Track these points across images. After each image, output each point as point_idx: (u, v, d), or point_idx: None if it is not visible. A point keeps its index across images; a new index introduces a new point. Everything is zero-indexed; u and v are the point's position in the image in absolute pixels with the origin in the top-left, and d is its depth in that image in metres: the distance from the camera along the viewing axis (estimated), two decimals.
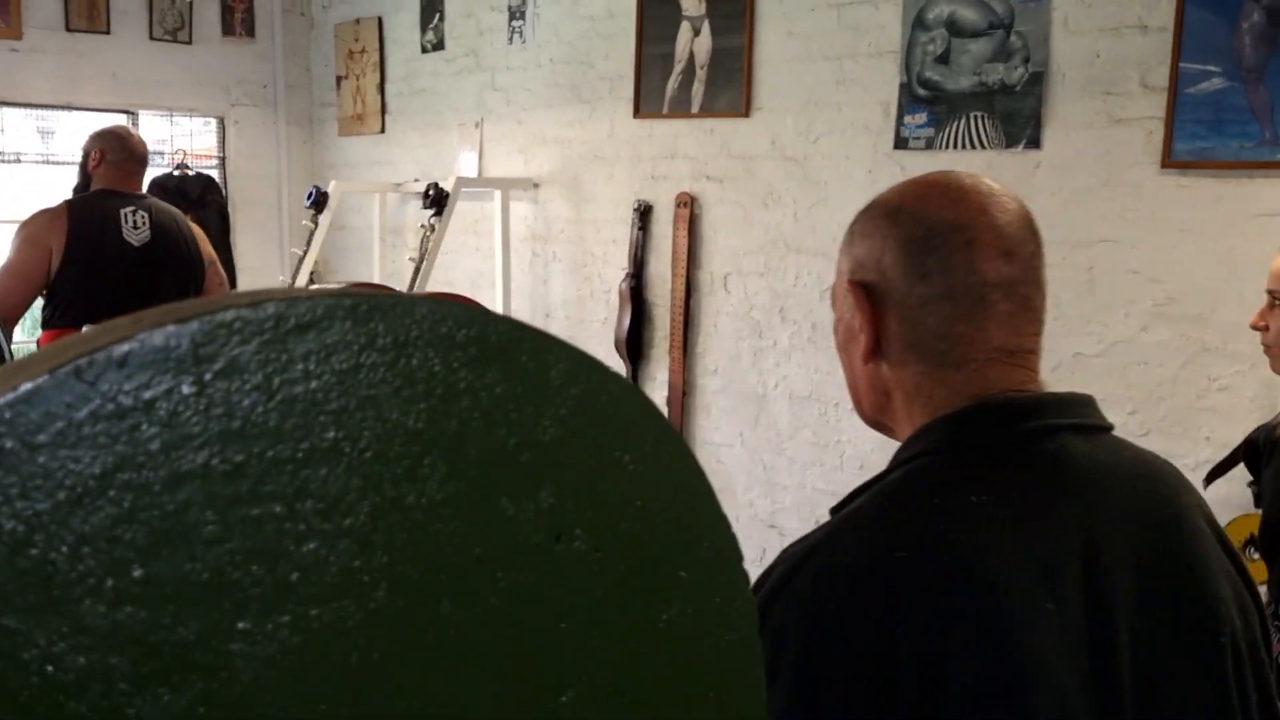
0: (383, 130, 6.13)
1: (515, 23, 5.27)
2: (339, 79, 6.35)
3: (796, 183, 4.21)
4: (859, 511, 0.96)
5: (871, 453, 4.05)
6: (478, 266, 5.60)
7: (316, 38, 6.54)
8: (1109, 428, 1.01)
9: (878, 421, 1.08)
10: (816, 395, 4.22)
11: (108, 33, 5.79)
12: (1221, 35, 3.18)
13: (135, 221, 3.68)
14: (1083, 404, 1.01)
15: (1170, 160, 3.31)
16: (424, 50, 5.80)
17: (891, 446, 1.04)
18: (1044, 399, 0.98)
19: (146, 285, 3.57)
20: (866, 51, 3.95)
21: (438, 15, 5.69)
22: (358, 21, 6.17)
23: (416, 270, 4.88)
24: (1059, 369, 3.59)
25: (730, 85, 4.38)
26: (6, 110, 5.66)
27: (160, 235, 3.72)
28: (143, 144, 3.91)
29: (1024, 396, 0.97)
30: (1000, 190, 1.01)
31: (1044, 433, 0.95)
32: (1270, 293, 2.00)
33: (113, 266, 3.60)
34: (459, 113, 5.65)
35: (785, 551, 0.96)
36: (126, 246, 3.64)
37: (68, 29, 5.67)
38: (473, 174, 5.53)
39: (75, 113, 5.83)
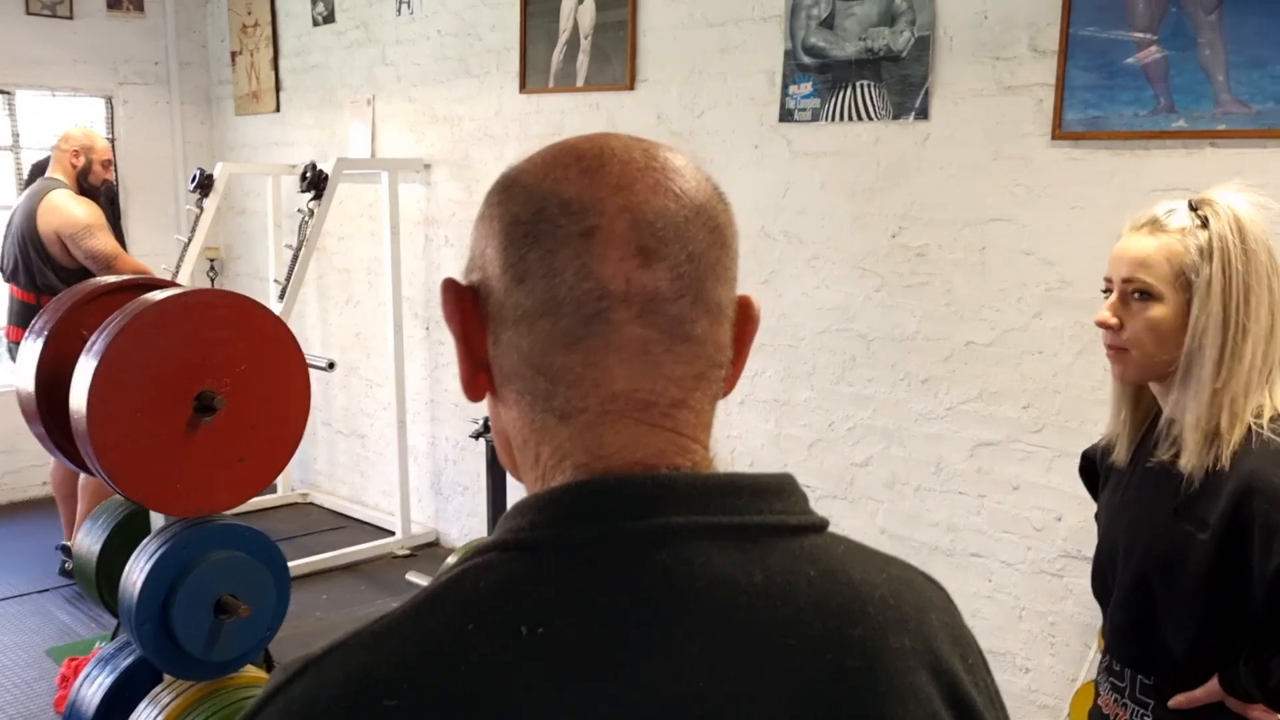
0: (277, 109, 5.81)
1: None
2: (234, 55, 6.02)
3: None
4: (384, 620, 0.65)
5: (762, 448, 3.79)
6: (373, 251, 5.30)
7: (212, 11, 6.20)
8: (800, 528, 0.69)
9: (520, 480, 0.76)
10: None
11: None
12: None
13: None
14: (755, 493, 0.68)
15: (1061, 131, 3.03)
16: (315, 23, 5.48)
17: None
18: (670, 485, 0.66)
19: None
20: (751, 16, 3.66)
21: None
22: None
23: (294, 257, 4.58)
24: (951, 359, 3.32)
25: (615, 56, 4.08)
26: None
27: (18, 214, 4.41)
28: None
29: (637, 481, 0.66)
30: (670, 161, 0.70)
31: (658, 538, 0.64)
32: (1126, 283, 1.56)
33: None
34: (351, 89, 5.34)
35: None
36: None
37: None
38: (365, 154, 5.22)
39: None
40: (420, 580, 4.38)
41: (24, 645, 4.11)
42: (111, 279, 2.50)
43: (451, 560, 3.36)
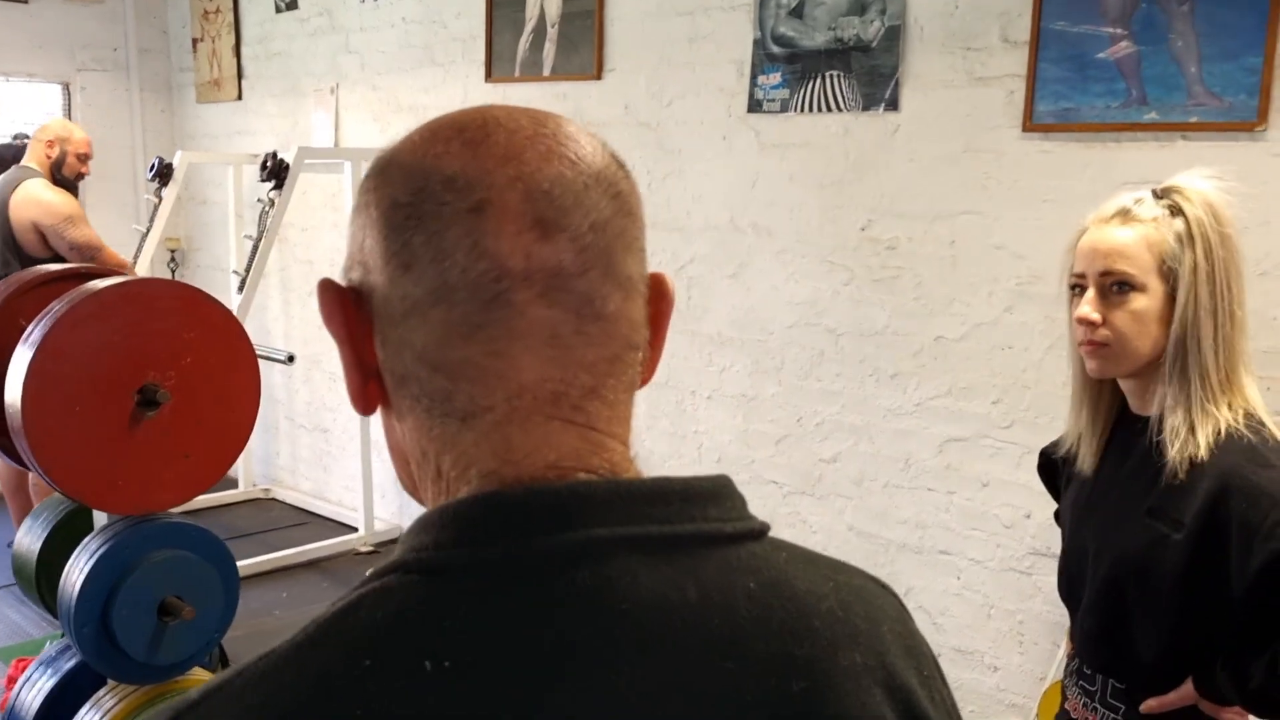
0: (239, 97, 5.70)
1: None
2: (195, 41, 5.90)
3: (650, 151, 3.85)
4: (268, 658, 0.57)
5: (730, 443, 3.73)
6: (336, 243, 5.20)
7: None
8: (738, 535, 0.62)
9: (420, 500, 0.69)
10: (673, 382, 3.88)
11: None
12: None
13: None
14: (686, 498, 0.61)
15: (1032, 123, 2.98)
16: (278, 9, 5.37)
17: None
18: (588, 493, 0.59)
19: None
20: (720, 5, 3.60)
21: None
22: None
23: (254, 249, 4.48)
24: (920, 354, 3.28)
25: (582, 45, 4.01)
26: None
27: None
28: None
29: (551, 490, 0.59)
30: (562, 127, 0.63)
31: (576, 555, 0.57)
32: (1104, 275, 1.47)
33: None
34: (314, 77, 5.24)
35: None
36: None
37: None
38: (329, 143, 5.13)
39: None
40: None
41: None
42: (54, 267, 2.41)
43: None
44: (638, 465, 0.65)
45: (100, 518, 2.29)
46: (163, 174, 5.06)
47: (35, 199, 4.24)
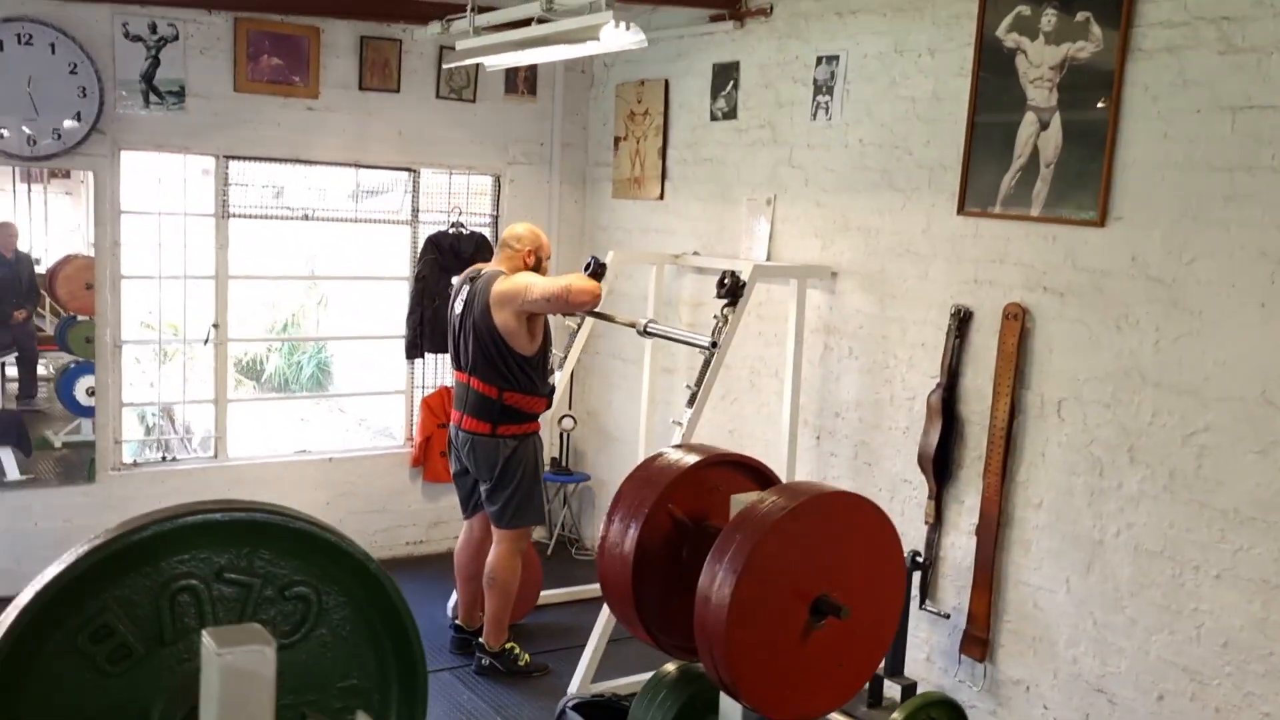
0: (661, 196, 5.86)
1: (821, 98, 4.89)
2: (617, 140, 6.13)
3: (1161, 307, 3.65)
4: None
5: (1240, 630, 3.46)
6: (759, 352, 5.24)
7: (596, 96, 6.35)
8: None
9: None
10: (1170, 553, 3.65)
11: (397, 91, 5.74)
12: None
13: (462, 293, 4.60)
14: None
15: None
16: (713, 118, 5.50)
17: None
18: None
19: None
20: (1270, 165, 3.37)
21: (731, 83, 5.38)
22: (642, 83, 5.93)
23: (706, 363, 4.56)
24: None
25: (1082, 188, 3.86)
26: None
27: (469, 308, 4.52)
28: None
29: None
30: None
31: None
32: None
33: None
34: (749, 187, 5.31)
35: None
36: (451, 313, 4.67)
37: (360, 88, 5.64)
38: (762, 254, 5.18)
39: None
40: None
41: None
42: (689, 458, 2.47)
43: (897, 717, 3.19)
44: None
45: (733, 713, 2.31)
46: (596, 273, 4.91)
47: (501, 296, 4.41)
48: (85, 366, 5.29)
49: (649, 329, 4.50)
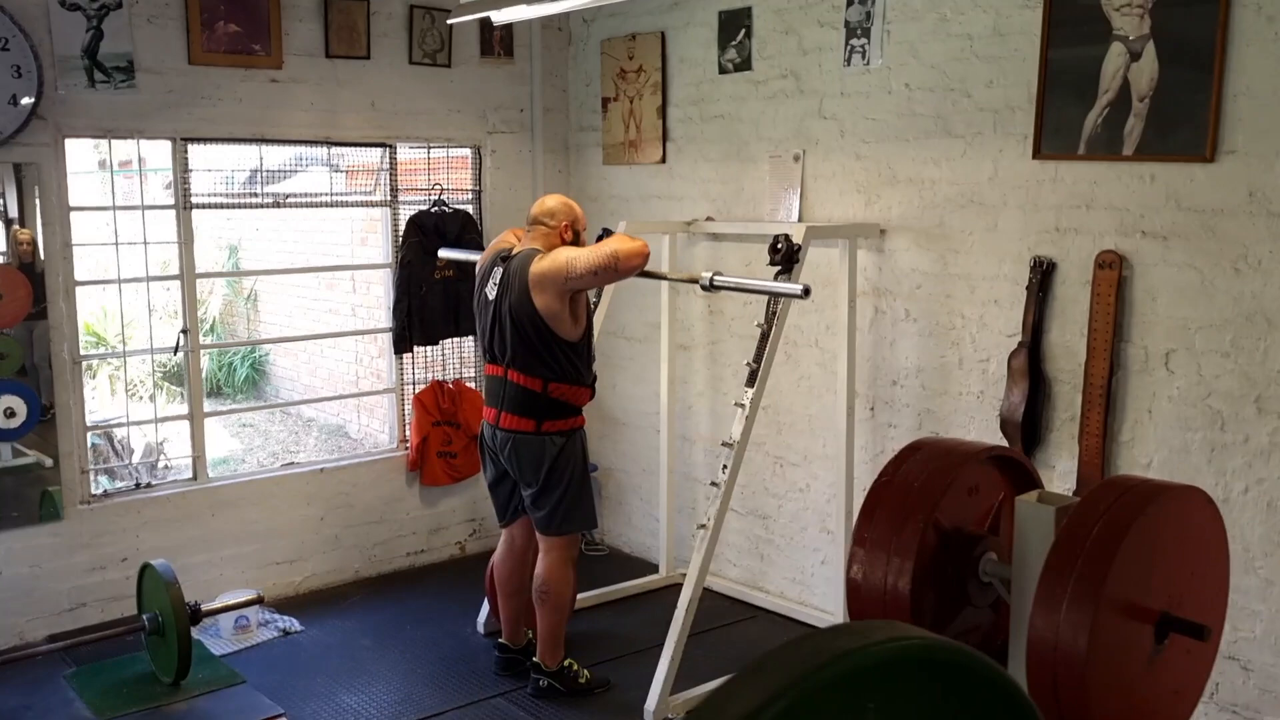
0: (663, 160, 5.42)
1: (855, 41, 4.51)
2: (605, 101, 5.65)
3: None
4: None
5: None
6: (794, 321, 4.85)
7: (575, 55, 5.85)
8: None
9: None
10: None
11: (367, 57, 5.16)
12: None
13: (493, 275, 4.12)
14: None
15: None
16: (723, 70, 5.07)
17: None
18: None
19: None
20: None
21: (743, 31, 4.96)
22: (633, 37, 5.46)
23: (764, 337, 4.16)
24: None
25: (1185, 122, 3.57)
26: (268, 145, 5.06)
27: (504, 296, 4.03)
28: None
29: None
30: None
31: None
32: None
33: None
34: (770, 143, 4.91)
35: None
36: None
37: (327, 55, 5.05)
38: (792, 215, 4.80)
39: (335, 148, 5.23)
40: None
41: None
42: (948, 461, 2.07)
43: None
44: None
45: None
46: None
47: (541, 278, 3.93)
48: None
49: (715, 282, 4.02)
